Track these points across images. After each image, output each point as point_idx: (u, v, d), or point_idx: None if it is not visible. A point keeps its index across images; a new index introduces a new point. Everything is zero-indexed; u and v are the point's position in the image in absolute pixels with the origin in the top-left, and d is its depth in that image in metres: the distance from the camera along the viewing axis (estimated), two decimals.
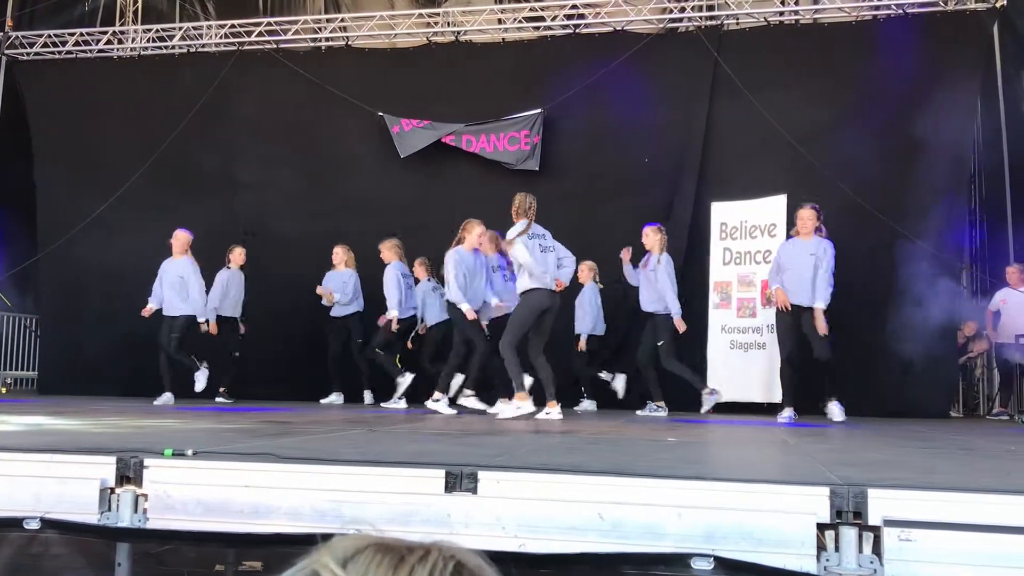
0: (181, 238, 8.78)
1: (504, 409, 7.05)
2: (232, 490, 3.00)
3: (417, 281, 9.01)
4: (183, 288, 8.60)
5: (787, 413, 7.36)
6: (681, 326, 7.90)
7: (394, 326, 8.62)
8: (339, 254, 9.28)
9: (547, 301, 6.92)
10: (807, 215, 7.41)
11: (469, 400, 7.64)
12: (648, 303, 8.07)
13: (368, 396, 9.13)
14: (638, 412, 8.06)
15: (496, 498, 2.76)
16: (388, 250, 8.85)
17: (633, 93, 9.59)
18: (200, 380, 8.62)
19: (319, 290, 9.17)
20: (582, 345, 8.74)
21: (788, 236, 7.82)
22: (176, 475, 3.09)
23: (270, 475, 3.02)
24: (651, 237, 8.05)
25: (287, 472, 3.02)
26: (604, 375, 8.79)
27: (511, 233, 7.04)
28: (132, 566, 3.10)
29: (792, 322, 7.35)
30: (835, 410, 7.31)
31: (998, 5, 9.25)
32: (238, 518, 2.97)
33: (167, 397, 8.45)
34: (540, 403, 6.95)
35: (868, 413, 8.16)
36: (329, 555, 0.73)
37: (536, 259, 6.90)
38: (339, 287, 9.17)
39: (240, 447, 3.76)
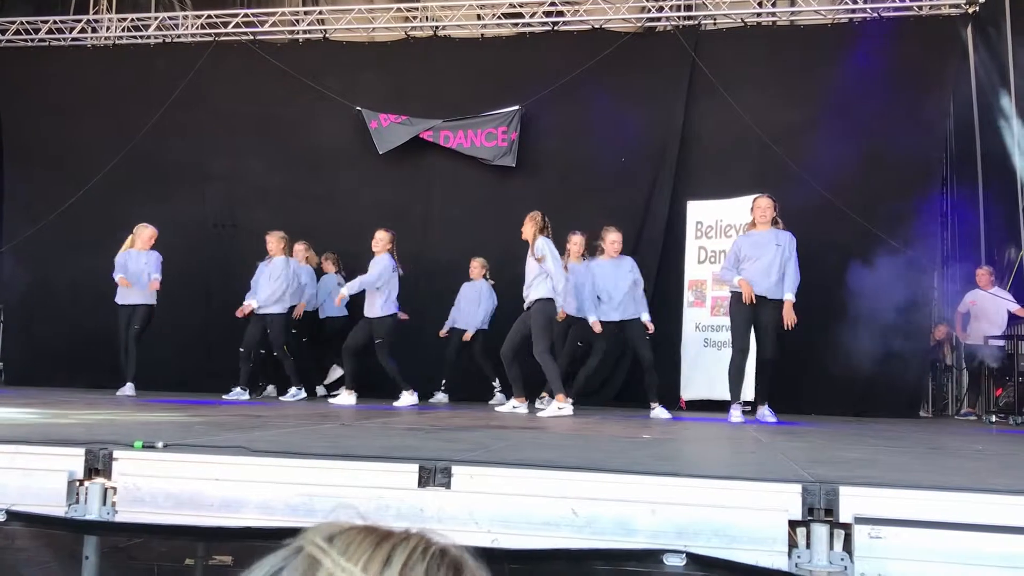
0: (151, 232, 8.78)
1: (546, 409, 7.24)
2: (202, 483, 2.97)
3: (324, 273, 9.47)
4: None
5: (739, 411, 7.09)
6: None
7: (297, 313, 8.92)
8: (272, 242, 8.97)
9: (555, 310, 7.33)
10: (765, 204, 7.28)
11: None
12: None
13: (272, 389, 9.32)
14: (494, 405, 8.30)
15: (469, 493, 2.76)
16: (277, 242, 8.76)
17: (610, 91, 9.61)
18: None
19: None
20: (468, 336, 9.03)
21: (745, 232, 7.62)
22: (146, 468, 3.06)
23: (241, 468, 2.99)
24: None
25: (258, 466, 2.99)
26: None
27: (545, 248, 7.41)
28: (100, 560, 3.06)
29: (750, 315, 7.11)
30: (767, 414, 7.07)
31: (971, 10, 9.36)
32: (208, 511, 2.94)
33: (129, 387, 8.43)
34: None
35: (839, 412, 8.24)
36: (315, 533, 0.75)
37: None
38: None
39: (211, 440, 3.72)
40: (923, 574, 2.36)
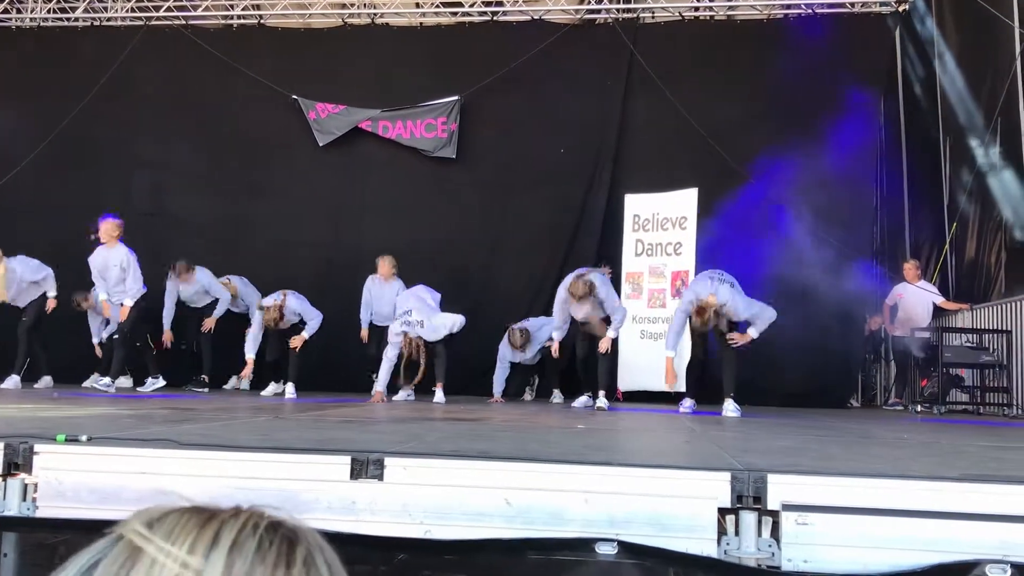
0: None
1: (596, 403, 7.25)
2: (127, 477, 2.90)
3: None
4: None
5: (688, 402, 7.25)
6: None
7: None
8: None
9: None
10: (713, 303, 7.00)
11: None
12: None
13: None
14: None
15: (403, 484, 2.73)
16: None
17: (550, 83, 9.63)
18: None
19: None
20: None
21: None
22: (68, 461, 2.97)
23: (168, 462, 2.92)
24: None
25: (185, 459, 2.93)
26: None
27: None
28: (20, 557, 2.97)
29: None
30: (731, 409, 6.95)
31: (900, 9, 9.58)
32: (133, 505, 2.82)
33: (47, 380, 8.46)
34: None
35: (773, 403, 8.39)
36: (135, 519, 0.71)
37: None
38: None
39: (138, 433, 3.63)
40: (847, 559, 2.41)
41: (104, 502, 2.89)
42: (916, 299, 9.33)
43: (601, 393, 7.30)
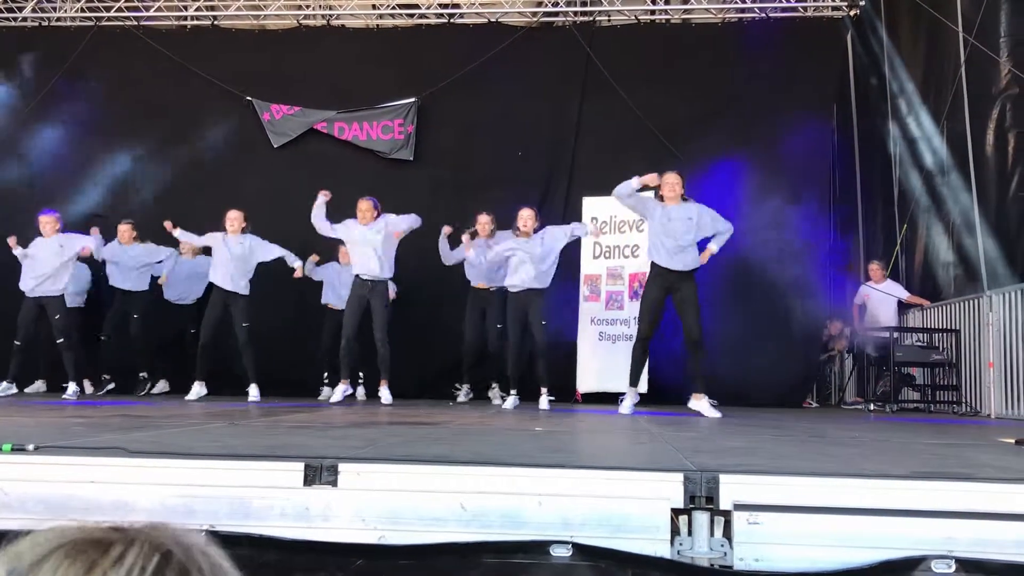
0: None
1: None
2: (75, 486, 2.85)
3: None
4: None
5: (631, 402, 7.02)
6: None
7: None
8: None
9: None
10: (674, 180, 7.03)
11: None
12: None
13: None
14: None
15: (356, 490, 2.72)
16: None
17: (507, 85, 9.64)
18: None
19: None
20: None
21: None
22: (14, 471, 2.91)
23: (117, 470, 2.88)
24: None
25: (136, 467, 2.88)
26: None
27: None
28: None
29: (661, 295, 6.93)
30: (705, 406, 6.82)
31: (852, 14, 9.74)
32: (82, 515, 2.81)
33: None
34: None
35: (731, 403, 8.45)
36: (15, 559, 0.65)
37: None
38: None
39: (88, 441, 3.57)
40: (798, 557, 2.44)
41: (52, 512, 2.83)
42: (879, 299, 9.46)
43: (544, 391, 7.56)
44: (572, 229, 7.93)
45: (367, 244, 7.83)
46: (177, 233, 8.26)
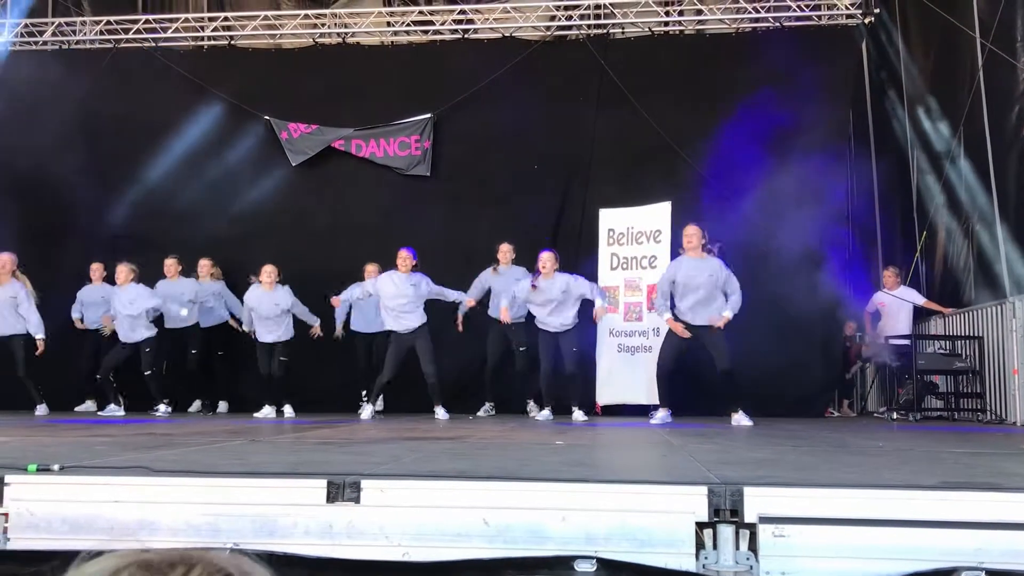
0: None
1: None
2: (100, 506, 2.86)
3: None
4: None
5: (663, 414, 7.47)
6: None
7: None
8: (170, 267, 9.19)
9: None
10: (692, 231, 7.49)
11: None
12: None
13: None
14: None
15: (379, 507, 2.72)
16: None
17: (522, 99, 9.65)
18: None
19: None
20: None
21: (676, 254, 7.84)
22: (40, 492, 2.93)
23: (142, 490, 2.89)
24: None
25: (160, 486, 2.90)
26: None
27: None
28: None
29: (686, 344, 7.40)
30: (742, 419, 7.25)
31: (867, 21, 9.71)
32: (108, 535, 2.83)
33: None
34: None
35: (754, 414, 8.40)
36: None
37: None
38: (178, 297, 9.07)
39: (112, 461, 3.59)
40: (824, 570, 2.42)
41: (77, 532, 2.85)
42: (894, 306, 9.39)
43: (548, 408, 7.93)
44: (593, 290, 8.10)
45: (401, 297, 8.14)
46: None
